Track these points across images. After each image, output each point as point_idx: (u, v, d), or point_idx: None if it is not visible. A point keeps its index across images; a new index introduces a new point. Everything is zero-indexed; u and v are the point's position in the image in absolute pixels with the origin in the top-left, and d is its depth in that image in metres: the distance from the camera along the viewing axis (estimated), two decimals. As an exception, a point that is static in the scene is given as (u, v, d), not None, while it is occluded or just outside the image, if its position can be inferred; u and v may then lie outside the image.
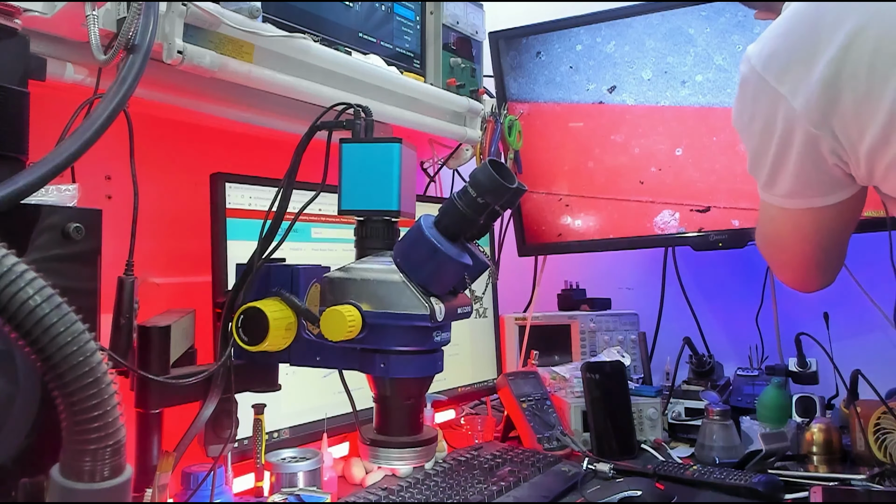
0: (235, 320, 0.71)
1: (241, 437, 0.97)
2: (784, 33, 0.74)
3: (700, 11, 1.42)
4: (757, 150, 0.80)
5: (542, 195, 1.61)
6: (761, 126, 0.77)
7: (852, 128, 0.70)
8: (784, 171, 0.78)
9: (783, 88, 0.73)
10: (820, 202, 0.79)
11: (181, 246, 1.10)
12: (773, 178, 0.80)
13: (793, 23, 0.73)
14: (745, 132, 0.82)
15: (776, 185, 0.80)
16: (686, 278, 1.71)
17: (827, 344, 1.32)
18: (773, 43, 0.75)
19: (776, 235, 0.88)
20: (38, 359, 0.41)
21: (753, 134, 0.79)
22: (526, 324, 1.61)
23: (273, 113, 1.12)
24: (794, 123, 0.73)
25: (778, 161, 0.77)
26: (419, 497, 0.98)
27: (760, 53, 0.75)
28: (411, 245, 0.68)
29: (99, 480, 0.43)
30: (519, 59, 1.60)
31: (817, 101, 0.70)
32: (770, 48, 0.75)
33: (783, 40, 0.73)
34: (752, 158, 0.82)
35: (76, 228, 0.61)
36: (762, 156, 0.79)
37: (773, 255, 0.93)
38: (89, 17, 0.74)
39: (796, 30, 0.72)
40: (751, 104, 0.78)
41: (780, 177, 0.79)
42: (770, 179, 0.81)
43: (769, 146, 0.77)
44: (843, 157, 0.74)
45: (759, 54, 0.76)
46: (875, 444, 1.14)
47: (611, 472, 1.13)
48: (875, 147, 0.69)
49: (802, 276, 0.92)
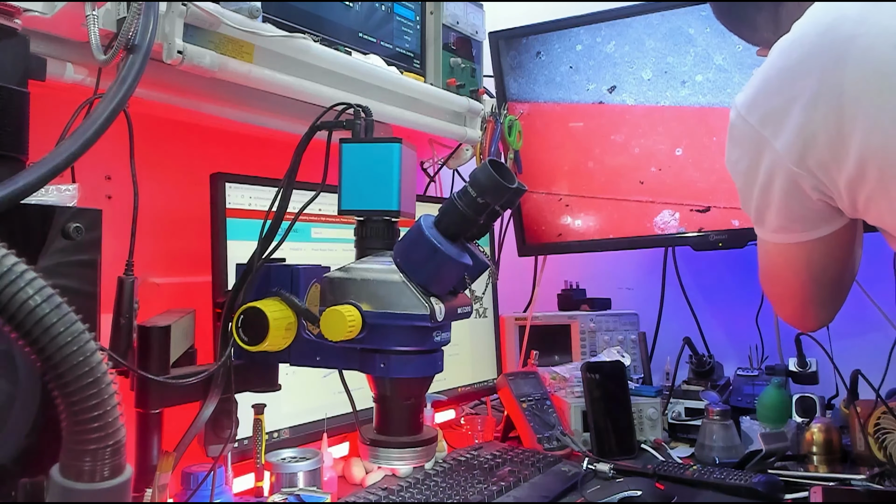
0: (235, 320, 0.71)
1: (241, 437, 0.97)
2: (764, 79, 0.80)
3: (700, 11, 1.42)
4: (745, 188, 0.85)
5: (542, 195, 1.61)
6: (747, 166, 0.83)
7: (830, 166, 0.75)
8: (771, 208, 0.83)
9: (765, 132, 0.79)
10: (808, 236, 0.84)
11: (181, 246, 1.10)
12: (762, 214, 0.85)
13: (771, 71, 0.80)
14: (734, 172, 0.87)
15: (765, 222, 0.86)
16: (686, 278, 1.71)
17: (827, 344, 1.32)
18: (755, 91, 0.81)
19: (771, 270, 0.93)
20: (38, 359, 0.41)
21: (741, 174, 0.85)
22: (526, 324, 1.61)
23: (273, 113, 1.12)
24: (776, 163, 0.79)
25: (764, 199, 0.83)
26: (419, 497, 0.98)
27: (745, 101, 0.82)
28: (411, 245, 0.68)
29: (99, 480, 0.43)
30: (519, 59, 1.60)
31: (795, 142, 0.76)
32: (752, 96, 0.81)
33: (763, 87, 0.80)
34: (742, 196, 0.88)
35: (76, 228, 0.61)
36: (750, 194, 0.85)
37: (771, 290, 0.96)
38: (89, 17, 0.74)
39: (773, 76, 0.79)
40: (738, 146, 0.84)
41: (767, 213, 0.84)
42: (759, 216, 0.86)
43: (755, 184, 0.83)
44: (827, 193, 0.79)
45: (744, 102, 0.82)
46: (875, 444, 1.14)
47: (611, 472, 1.13)
48: (852, 182, 0.75)
49: (799, 312, 0.95)
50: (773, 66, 0.80)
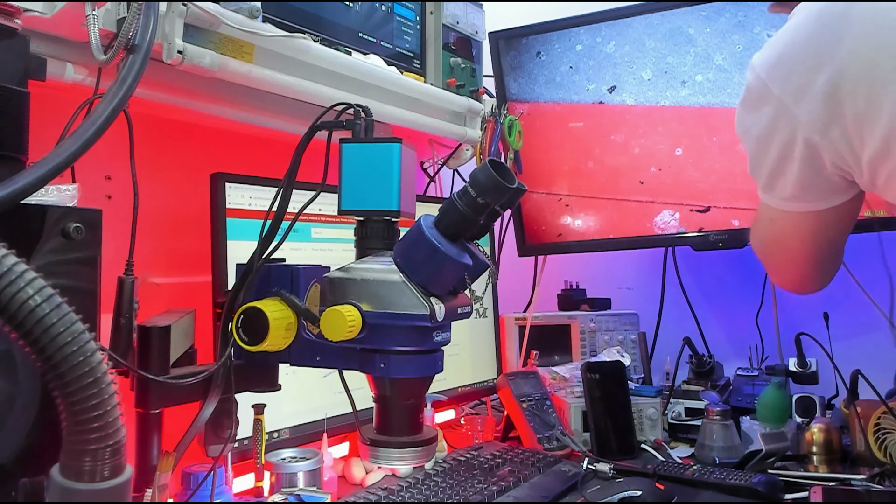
0: (235, 320, 0.71)
1: (241, 437, 0.97)
2: (788, 43, 0.76)
3: (700, 11, 1.42)
4: (757, 154, 0.82)
5: (542, 195, 1.61)
6: (763, 131, 0.80)
7: (854, 139, 0.72)
8: (785, 176, 0.80)
9: (786, 97, 0.75)
10: (820, 206, 0.82)
11: (181, 246, 1.10)
12: (774, 181, 0.82)
13: (797, 35, 0.75)
14: (746, 136, 0.84)
15: (776, 189, 0.83)
16: (686, 278, 1.71)
17: (827, 344, 1.32)
18: (777, 52, 0.77)
19: (777, 237, 0.90)
20: (38, 359, 0.41)
21: (754, 138, 0.82)
22: (526, 324, 1.61)
23: (273, 113, 1.12)
24: (795, 131, 0.76)
25: (779, 166, 0.80)
26: (419, 497, 0.98)
27: (766, 62, 0.78)
28: (411, 245, 0.68)
29: (99, 480, 0.43)
30: (519, 59, 1.60)
31: (819, 112, 0.73)
32: (775, 58, 0.77)
33: (787, 50, 0.76)
34: (752, 162, 0.84)
35: (76, 228, 0.61)
36: (763, 160, 0.81)
37: (772, 256, 0.95)
38: (89, 17, 0.74)
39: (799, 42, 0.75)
40: (754, 110, 0.80)
41: (780, 181, 0.81)
42: (770, 183, 0.83)
43: (770, 151, 0.80)
44: (845, 167, 0.76)
45: (763, 63, 0.78)
46: (875, 444, 1.14)
47: (611, 472, 1.13)
48: (876, 158, 0.72)
49: (801, 278, 0.94)
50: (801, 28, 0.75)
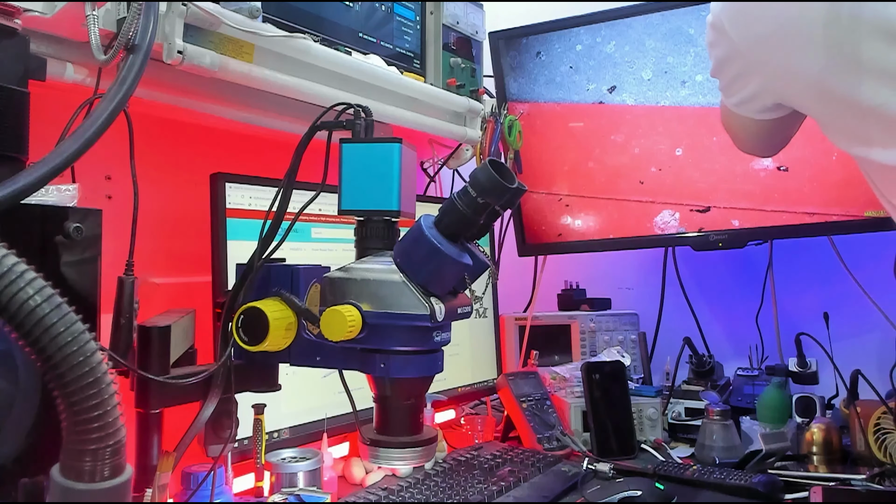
0: (235, 320, 0.71)
1: (241, 437, 0.97)
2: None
3: (700, 11, 1.42)
4: (717, 68, 0.90)
5: (542, 195, 1.61)
6: (722, 59, 0.87)
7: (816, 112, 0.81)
8: (737, 95, 0.89)
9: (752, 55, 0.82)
10: (765, 116, 0.90)
11: (181, 246, 1.10)
12: (728, 89, 0.91)
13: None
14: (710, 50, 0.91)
15: (730, 96, 0.91)
16: (686, 278, 1.71)
17: (827, 344, 1.32)
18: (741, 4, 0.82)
19: (729, 122, 1.01)
20: (38, 359, 0.41)
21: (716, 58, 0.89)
22: (526, 324, 1.61)
23: (273, 113, 1.12)
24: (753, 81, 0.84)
25: (732, 86, 0.89)
26: (419, 497, 0.98)
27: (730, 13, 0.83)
28: (411, 245, 0.68)
29: (99, 480, 0.43)
30: (519, 59, 1.60)
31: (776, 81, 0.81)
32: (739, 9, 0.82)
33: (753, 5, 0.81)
34: (713, 70, 0.92)
35: (76, 228, 0.61)
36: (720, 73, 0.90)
37: (729, 133, 1.05)
38: (89, 17, 0.74)
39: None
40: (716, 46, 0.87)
41: (731, 95, 0.90)
42: (725, 91, 0.92)
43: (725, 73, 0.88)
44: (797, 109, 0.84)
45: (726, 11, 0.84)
46: (875, 444, 1.14)
47: (611, 472, 1.13)
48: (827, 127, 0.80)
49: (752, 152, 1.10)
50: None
